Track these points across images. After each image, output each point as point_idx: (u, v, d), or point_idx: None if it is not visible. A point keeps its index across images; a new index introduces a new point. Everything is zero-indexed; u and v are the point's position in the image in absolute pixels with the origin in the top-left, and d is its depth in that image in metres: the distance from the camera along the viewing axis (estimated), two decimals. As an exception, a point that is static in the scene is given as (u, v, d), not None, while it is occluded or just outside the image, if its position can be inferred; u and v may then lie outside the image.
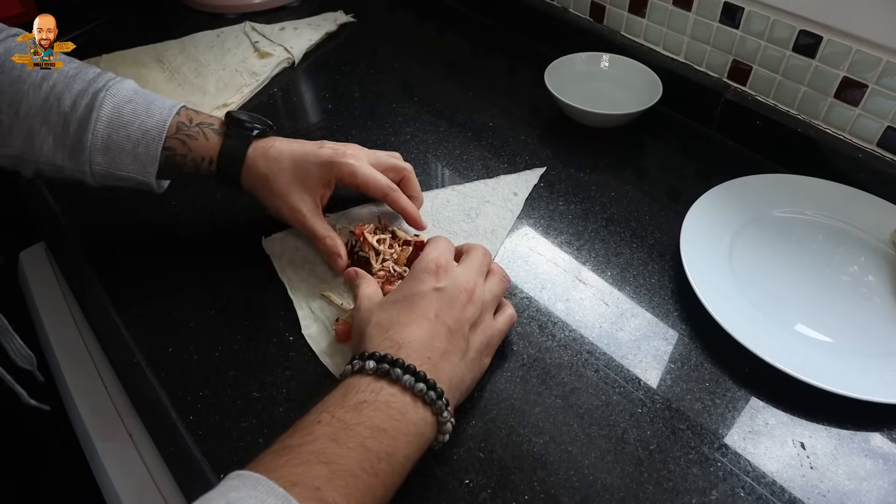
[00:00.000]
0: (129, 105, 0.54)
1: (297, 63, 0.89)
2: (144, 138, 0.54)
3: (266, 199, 0.57)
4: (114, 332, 0.55)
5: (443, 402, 0.42)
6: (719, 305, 0.53)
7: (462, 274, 0.49)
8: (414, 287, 0.47)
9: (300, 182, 0.56)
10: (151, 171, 0.55)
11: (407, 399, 0.41)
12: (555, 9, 0.89)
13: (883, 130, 0.64)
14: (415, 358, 0.43)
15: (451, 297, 0.47)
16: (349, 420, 0.39)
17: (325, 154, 0.57)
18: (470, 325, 0.47)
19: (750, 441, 0.47)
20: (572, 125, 0.76)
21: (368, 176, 0.58)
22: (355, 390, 0.41)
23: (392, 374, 0.41)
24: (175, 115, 0.55)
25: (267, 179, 0.56)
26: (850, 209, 0.63)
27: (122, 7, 1.02)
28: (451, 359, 0.45)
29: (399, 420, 0.40)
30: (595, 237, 0.63)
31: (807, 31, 0.65)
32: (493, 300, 0.50)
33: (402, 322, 0.45)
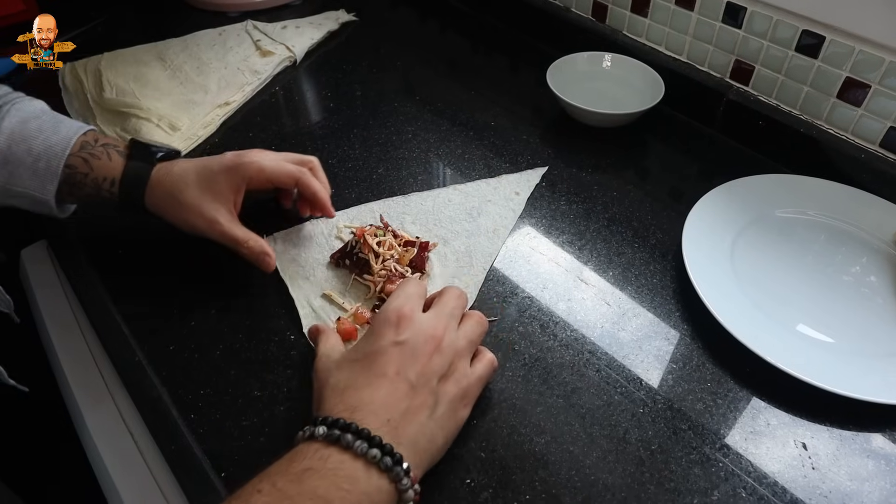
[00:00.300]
0: (35, 121, 0.53)
1: (299, 61, 0.89)
2: (47, 153, 0.53)
3: (176, 216, 0.56)
4: (115, 331, 0.55)
5: (401, 469, 0.38)
6: (721, 305, 0.53)
7: (428, 321, 0.45)
8: (373, 343, 0.44)
9: (209, 192, 0.55)
10: (50, 188, 0.53)
11: (359, 466, 0.37)
12: (557, 8, 0.89)
13: (886, 131, 0.64)
14: (371, 421, 0.39)
15: (414, 349, 0.43)
16: (290, 490, 0.35)
17: (227, 160, 0.56)
18: (439, 378, 0.43)
19: (751, 441, 0.47)
20: (574, 125, 0.75)
21: (276, 168, 0.57)
22: (301, 457, 0.37)
23: (342, 441, 0.37)
24: (82, 134, 0.55)
25: (173, 196, 0.55)
26: (852, 210, 0.63)
27: (123, 5, 1.02)
28: (415, 419, 0.41)
29: (347, 490, 0.36)
30: (597, 237, 0.63)
31: (809, 31, 0.65)
32: (469, 346, 0.46)
33: (359, 384, 0.42)
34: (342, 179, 0.69)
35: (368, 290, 0.56)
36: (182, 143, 0.73)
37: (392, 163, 0.71)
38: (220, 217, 0.55)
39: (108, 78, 0.80)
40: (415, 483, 0.39)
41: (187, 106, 0.77)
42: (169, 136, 0.73)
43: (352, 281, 0.57)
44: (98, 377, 0.56)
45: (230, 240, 0.56)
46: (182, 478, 0.46)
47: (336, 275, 0.58)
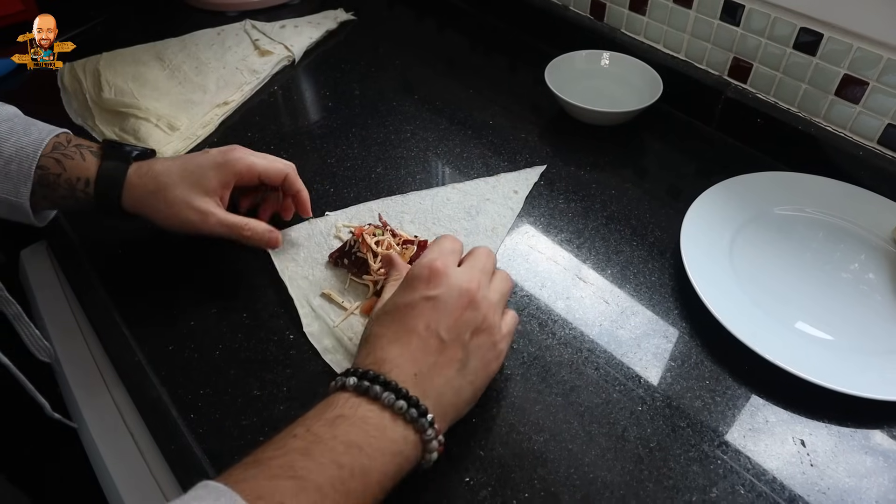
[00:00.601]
0: (6, 124, 0.53)
1: (298, 61, 0.89)
2: (18, 155, 0.52)
3: (161, 214, 0.55)
4: (114, 331, 0.55)
5: (426, 420, 0.39)
6: (720, 303, 0.53)
7: (461, 275, 0.46)
8: (404, 296, 0.45)
9: (197, 187, 0.55)
10: (24, 191, 0.52)
11: (386, 416, 0.39)
12: (555, 6, 0.89)
13: (884, 128, 0.64)
14: (398, 374, 0.41)
15: (446, 304, 0.44)
16: (323, 434, 0.37)
17: (214, 156, 0.56)
18: (472, 331, 0.44)
19: (750, 438, 0.47)
20: (573, 123, 0.76)
21: (267, 164, 0.58)
22: (333, 406, 0.39)
23: (371, 392, 0.39)
24: (54, 136, 0.54)
25: (157, 194, 0.54)
26: (850, 207, 0.63)
27: (122, 5, 1.02)
28: (443, 372, 0.42)
29: (376, 437, 0.38)
30: (595, 235, 0.63)
31: (807, 29, 0.65)
32: (501, 300, 0.47)
33: (389, 337, 0.43)
34: (341, 178, 0.69)
35: (367, 289, 0.57)
36: (181, 142, 0.73)
37: (391, 162, 0.71)
38: (212, 208, 0.55)
39: (106, 78, 0.80)
40: (439, 434, 0.41)
41: (186, 105, 0.77)
42: (168, 135, 0.73)
43: (349, 280, 0.58)
44: (98, 377, 0.56)
45: (228, 227, 0.56)
46: (182, 477, 0.46)
47: (335, 274, 0.58)
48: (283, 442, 0.37)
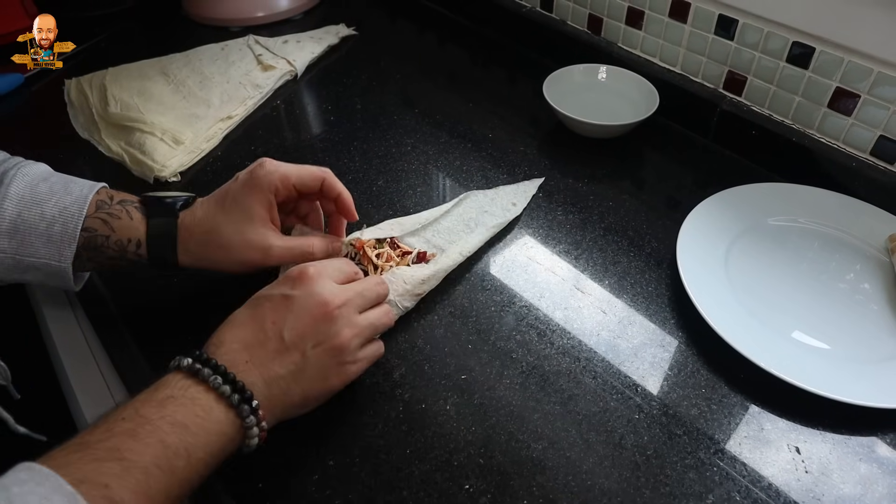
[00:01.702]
0: (45, 183, 0.49)
1: (300, 75, 0.90)
2: (62, 216, 0.48)
3: (222, 259, 0.52)
4: (119, 340, 0.56)
5: (248, 407, 0.41)
6: (716, 313, 0.54)
7: (329, 288, 0.45)
8: (269, 289, 0.46)
9: (246, 220, 0.51)
10: (67, 254, 0.49)
11: (211, 398, 0.40)
12: (553, 21, 0.90)
13: (876, 139, 0.65)
14: (230, 359, 0.42)
15: (300, 307, 0.44)
16: (151, 415, 0.38)
17: (244, 179, 0.52)
18: (316, 343, 0.44)
19: (746, 446, 0.48)
20: (570, 136, 0.77)
21: (301, 171, 0.53)
22: (165, 386, 0.40)
23: (201, 374, 0.41)
24: (95, 193, 0.51)
25: (210, 240, 0.51)
26: (844, 217, 0.64)
27: (127, 21, 1.04)
28: (275, 370, 0.43)
29: (202, 417, 0.39)
30: (593, 246, 0.64)
31: (800, 43, 0.66)
32: (367, 328, 0.47)
33: (238, 321, 0.45)
34: (342, 191, 0.70)
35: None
36: (185, 156, 0.74)
37: (391, 175, 0.72)
38: (271, 240, 0.51)
39: (112, 93, 0.82)
40: (261, 421, 0.42)
41: (190, 120, 0.79)
42: (172, 149, 0.74)
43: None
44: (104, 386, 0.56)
45: (292, 254, 0.52)
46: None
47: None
48: (111, 425, 0.37)
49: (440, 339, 0.55)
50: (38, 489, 0.32)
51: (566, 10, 0.89)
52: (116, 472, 0.35)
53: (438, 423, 0.49)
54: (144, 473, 0.36)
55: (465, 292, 0.59)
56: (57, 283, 0.51)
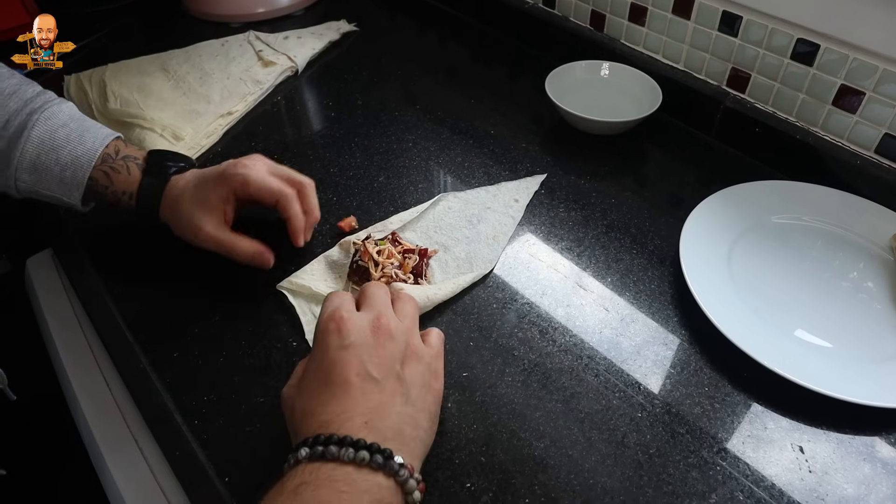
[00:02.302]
0: (63, 130, 0.56)
1: (301, 71, 0.90)
2: (72, 164, 0.56)
3: (175, 226, 0.59)
4: (119, 338, 0.56)
5: (395, 462, 0.38)
6: (718, 311, 0.53)
7: (366, 314, 0.45)
8: (324, 356, 0.42)
9: (200, 203, 0.57)
10: (76, 195, 0.57)
11: (350, 470, 0.37)
12: (556, 17, 0.90)
13: (881, 137, 0.65)
14: (349, 428, 0.39)
15: (364, 345, 0.42)
16: None
17: (219, 170, 0.58)
18: (400, 361, 0.43)
19: (749, 445, 0.47)
20: (573, 132, 0.76)
21: (260, 183, 0.57)
22: (291, 478, 0.37)
23: (327, 454, 0.37)
24: (104, 148, 0.57)
25: (174, 208, 0.58)
26: (848, 215, 0.63)
27: (127, 17, 1.03)
28: (391, 410, 0.41)
29: (347, 492, 0.36)
30: (595, 243, 0.63)
31: (804, 40, 0.66)
32: (413, 322, 0.47)
33: (324, 399, 0.41)
34: (343, 188, 0.70)
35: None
36: (185, 152, 0.74)
37: (393, 171, 0.72)
38: (204, 226, 0.57)
39: (112, 89, 0.81)
40: (413, 473, 0.39)
41: (190, 116, 0.78)
42: (172, 145, 0.74)
43: (350, 288, 0.58)
44: (103, 384, 0.56)
45: (217, 244, 0.57)
46: (186, 483, 0.46)
47: (336, 283, 0.59)
48: None
49: (441, 336, 0.55)
50: None
51: (569, 7, 0.88)
52: None
53: (439, 420, 0.49)
54: None
55: (466, 290, 0.59)
56: (67, 206, 0.59)
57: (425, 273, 0.59)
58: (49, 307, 0.64)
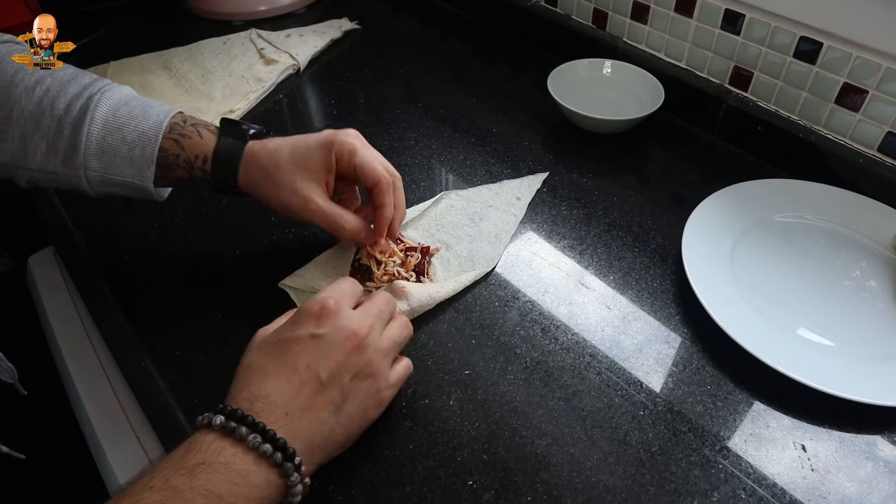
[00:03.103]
0: (125, 108, 0.53)
1: (303, 70, 0.90)
2: (140, 140, 0.52)
3: (270, 194, 0.54)
4: (121, 336, 0.56)
5: (291, 465, 0.38)
6: (721, 309, 0.53)
7: (352, 317, 0.44)
8: (291, 330, 0.43)
9: (303, 169, 0.53)
10: (148, 174, 0.53)
11: (250, 459, 0.37)
12: (558, 16, 0.90)
13: (883, 136, 0.65)
14: (268, 414, 0.39)
15: (331, 344, 0.42)
16: (181, 485, 0.35)
17: (323, 135, 0.54)
18: (352, 375, 0.43)
19: (751, 443, 0.47)
20: (575, 130, 0.76)
21: (368, 159, 0.54)
22: (196, 450, 0.37)
23: (237, 433, 0.38)
24: (171, 117, 0.54)
25: (268, 172, 0.53)
26: (851, 214, 0.63)
27: (129, 15, 1.03)
28: (316, 415, 0.41)
29: (238, 484, 0.36)
30: (597, 241, 0.63)
31: (807, 38, 0.66)
32: (392, 347, 0.46)
33: (268, 371, 0.41)
34: (345, 186, 0.70)
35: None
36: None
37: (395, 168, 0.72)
38: (314, 195, 0.53)
39: (114, 86, 0.81)
40: (305, 477, 0.39)
41: (193, 114, 0.77)
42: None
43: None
44: (105, 382, 0.57)
45: (326, 217, 0.54)
46: (188, 480, 0.46)
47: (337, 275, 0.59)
48: (139, 495, 0.35)
49: (443, 334, 0.55)
50: None
51: (571, 5, 0.88)
52: None
53: (442, 418, 0.49)
54: None
55: (468, 287, 0.59)
56: (143, 196, 0.55)
57: (427, 271, 0.59)
58: (51, 304, 0.64)
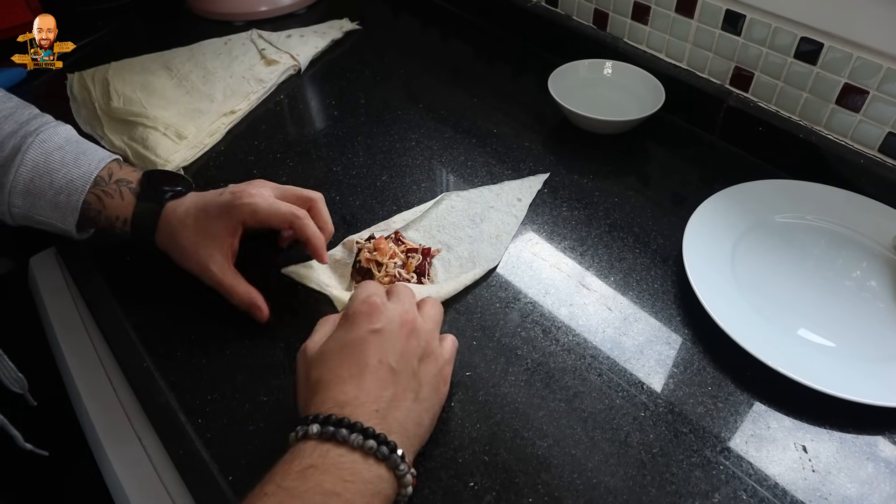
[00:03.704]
0: (59, 153, 0.54)
1: (304, 70, 0.90)
2: (67, 188, 0.54)
3: (177, 258, 0.57)
4: (123, 337, 0.56)
5: (398, 456, 0.39)
6: (722, 310, 0.53)
7: (397, 308, 0.46)
8: (350, 333, 0.44)
9: (205, 235, 0.55)
10: (71, 220, 0.55)
11: (357, 458, 0.38)
12: (559, 16, 0.90)
13: (884, 136, 0.65)
14: (360, 413, 0.40)
15: (391, 334, 0.44)
16: (297, 488, 0.36)
17: (224, 200, 0.55)
18: (418, 359, 0.44)
19: (752, 444, 0.47)
20: (576, 131, 0.76)
21: (270, 209, 0.55)
22: (300, 456, 0.38)
23: (338, 436, 0.38)
24: (100, 169, 0.55)
25: (173, 238, 0.56)
26: (851, 214, 0.63)
27: (130, 15, 1.03)
28: (402, 404, 0.42)
29: (352, 481, 0.37)
30: (598, 242, 0.63)
31: (808, 38, 0.66)
32: (436, 326, 0.48)
33: (343, 376, 0.42)
34: (346, 187, 0.70)
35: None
36: (188, 151, 0.74)
37: (396, 170, 0.72)
38: (211, 264, 0.55)
39: (115, 87, 0.82)
40: (410, 467, 0.40)
41: (193, 114, 0.78)
42: (176, 144, 0.74)
43: (352, 287, 0.58)
44: (107, 383, 0.56)
45: (221, 287, 0.55)
46: (190, 482, 0.46)
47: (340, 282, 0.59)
48: (258, 503, 0.36)
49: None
50: None
51: (571, 5, 0.88)
52: None
53: (443, 420, 0.49)
54: None
55: (469, 289, 0.59)
56: (63, 234, 0.57)
57: (428, 272, 0.59)
58: (52, 306, 0.64)
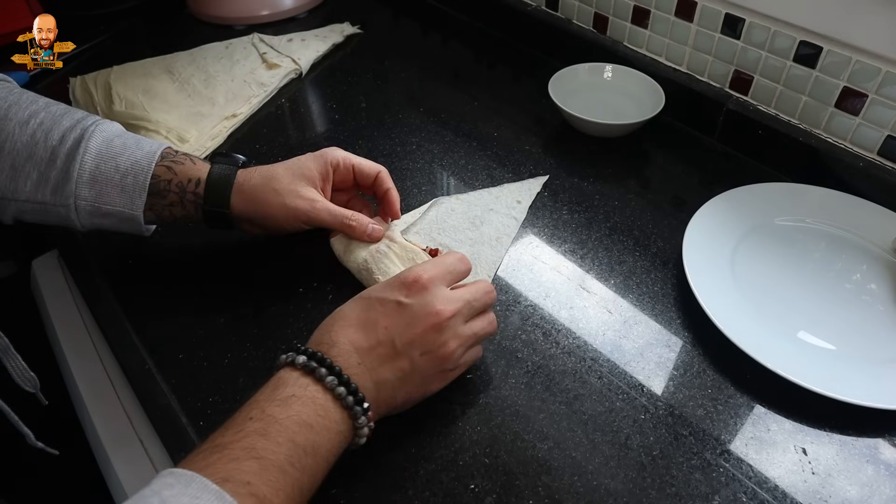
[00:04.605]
0: (119, 139, 0.55)
1: (305, 74, 0.90)
2: (133, 168, 0.54)
3: (272, 205, 0.55)
4: (125, 339, 0.56)
5: (361, 409, 0.42)
6: (722, 313, 0.53)
7: (442, 298, 0.46)
8: (383, 292, 0.47)
9: (301, 177, 0.57)
10: (139, 203, 0.54)
11: (328, 398, 0.41)
12: (559, 20, 0.90)
13: (883, 139, 0.65)
14: (344, 360, 0.43)
15: (413, 316, 0.45)
16: (278, 415, 0.39)
17: (313, 153, 0.59)
18: (424, 351, 0.45)
19: (752, 447, 0.47)
20: (576, 135, 0.76)
21: (362, 159, 0.60)
22: (285, 384, 0.42)
23: (317, 373, 0.42)
24: (164, 148, 0.56)
25: (267, 186, 0.56)
26: (851, 217, 0.64)
27: (132, 19, 1.04)
28: (383, 375, 0.44)
29: (322, 416, 0.41)
30: (598, 245, 0.64)
31: (807, 42, 0.66)
32: (471, 338, 0.47)
33: (350, 321, 0.45)
34: (347, 190, 0.70)
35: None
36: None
37: (396, 173, 0.72)
38: (317, 196, 0.57)
39: (117, 91, 0.82)
40: (371, 421, 0.43)
41: (195, 118, 0.79)
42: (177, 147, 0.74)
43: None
44: (108, 385, 0.57)
45: (334, 215, 0.57)
46: (191, 484, 0.46)
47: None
48: (241, 426, 0.39)
49: (445, 338, 0.55)
50: (187, 490, 0.34)
51: (571, 9, 0.88)
52: (255, 469, 0.37)
53: (444, 422, 0.49)
54: (280, 471, 0.37)
55: (470, 291, 0.59)
56: (130, 228, 0.56)
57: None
58: (54, 309, 0.64)
